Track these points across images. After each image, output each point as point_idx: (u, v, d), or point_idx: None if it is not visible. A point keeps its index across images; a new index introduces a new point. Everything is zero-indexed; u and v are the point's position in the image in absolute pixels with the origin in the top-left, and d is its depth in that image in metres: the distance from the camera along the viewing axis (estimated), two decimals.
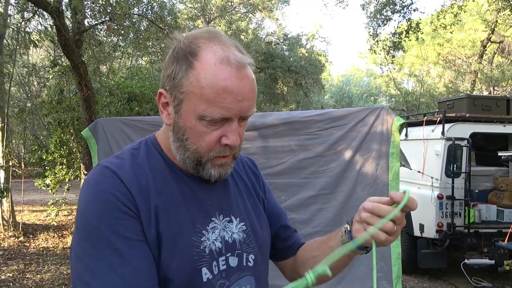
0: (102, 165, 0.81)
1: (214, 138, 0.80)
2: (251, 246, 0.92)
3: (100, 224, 0.74)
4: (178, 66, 0.79)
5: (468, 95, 5.96)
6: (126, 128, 3.65)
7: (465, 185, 5.08)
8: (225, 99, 0.76)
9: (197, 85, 0.77)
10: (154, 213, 0.78)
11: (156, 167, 0.85)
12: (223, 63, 0.77)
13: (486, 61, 16.59)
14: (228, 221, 0.90)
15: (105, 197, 0.76)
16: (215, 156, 0.82)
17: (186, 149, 0.82)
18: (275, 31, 20.03)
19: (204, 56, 0.78)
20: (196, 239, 0.82)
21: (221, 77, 0.76)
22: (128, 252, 0.73)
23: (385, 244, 0.79)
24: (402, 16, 11.37)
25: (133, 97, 7.88)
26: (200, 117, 0.78)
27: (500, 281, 5.19)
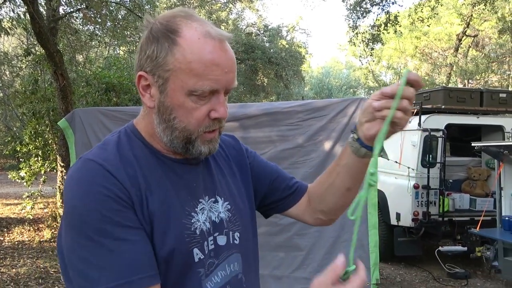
0: (85, 158, 0.80)
1: (203, 113, 0.81)
2: (236, 224, 0.93)
3: (95, 217, 0.72)
4: (159, 45, 0.79)
5: (444, 87, 6.11)
6: (104, 119, 3.59)
7: (440, 175, 5.23)
8: (213, 71, 0.78)
9: (184, 60, 0.77)
10: (145, 200, 0.79)
11: (140, 155, 0.84)
12: (207, 37, 0.78)
13: (461, 54, 17.01)
14: (214, 201, 0.91)
15: (96, 190, 0.74)
16: (204, 132, 0.83)
17: (174, 128, 0.82)
18: (256, 22, 19.92)
19: (185, 32, 0.78)
20: (187, 221, 0.83)
21: (207, 51, 0.77)
22: (129, 240, 0.74)
23: (403, 124, 0.81)
24: (381, 8, 11.51)
25: (111, 88, 7.73)
26: (189, 92, 0.78)
27: (472, 267, 5.40)
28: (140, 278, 0.73)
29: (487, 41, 17.68)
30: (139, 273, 0.73)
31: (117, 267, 0.72)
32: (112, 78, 7.82)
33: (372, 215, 3.25)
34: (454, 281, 5.01)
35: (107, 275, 0.71)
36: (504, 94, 5.87)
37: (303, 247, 3.32)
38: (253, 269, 0.98)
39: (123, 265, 0.72)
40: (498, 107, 5.71)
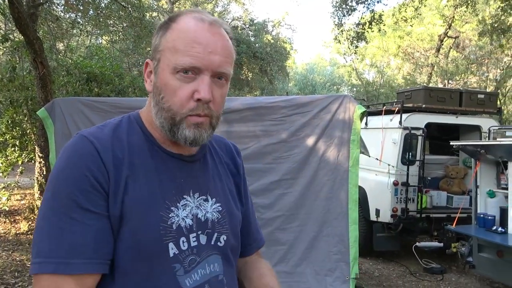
0: (81, 134, 0.83)
1: (187, 93, 0.81)
2: (225, 227, 0.93)
3: (66, 192, 0.76)
4: (159, 33, 0.86)
5: (425, 87, 6.22)
6: (85, 109, 3.52)
7: (419, 173, 5.34)
8: (193, 47, 0.80)
9: (170, 40, 0.82)
10: (124, 185, 0.80)
11: (134, 142, 0.86)
12: (196, 20, 0.83)
13: (442, 55, 17.34)
14: (204, 199, 0.91)
15: (78, 166, 0.77)
16: (189, 115, 0.82)
17: (162, 109, 0.83)
18: (241, 16, 19.81)
19: (181, 19, 0.84)
20: (164, 214, 0.83)
21: (192, 30, 0.81)
22: (83, 223, 0.75)
23: None
24: (366, 7, 11.60)
25: (93, 78, 7.57)
26: (173, 69, 0.81)
27: (447, 263, 5.55)
28: (78, 263, 0.74)
29: (467, 43, 18.07)
30: (80, 257, 0.74)
31: (62, 245, 0.74)
32: (93, 68, 7.65)
33: (352, 210, 3.30)
34: (430, 276, 5.14)
35: (51, 248, 0.74)
36: (482, 95, 6.02)
37: (285, 242, 3.35)
38: (234, 271, 0.98)
39: (68, 245, 0.74)
40: (476, 108, 5.85)
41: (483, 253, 4.18)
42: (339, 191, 3.34)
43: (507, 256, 3.83)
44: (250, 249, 1.08)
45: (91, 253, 0.75)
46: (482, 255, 4.18)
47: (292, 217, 3.38)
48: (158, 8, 13.33)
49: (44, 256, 0.74)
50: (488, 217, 4.20)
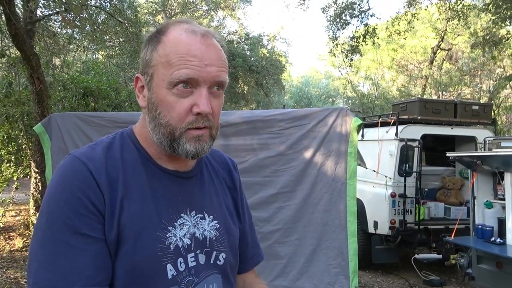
0: (73, 155, 0.80)
1: (185, 107, 0.79)
2: (224, 244, 0.91)
3: (60, 216, 0.73)
4: (149, 46, 0.83)
5: (420, 98, 6.28)
6: (82, 124, 3.52)
7: (416, 184, 5.35)
8: (189, 61, 0.78)
9: (163, 54, 0.80)
10: (119, 206, 0.78)
11: (128, 159, 0.84)
12: (188, 33, 0.81)
13: (436, 67, 17.55)
14: (201, 217, 0.89)
15: (71, 189, 0.75)
16: (188, 128, 0.80)
17: (160, 124, 0.81)
18: (237, 30, 20.02)
19: (171, 31, 0.82)
20: (162, 234, 0.81)
21: (184, 42, 0.79)
22: (79, 248, 0.73)
23: None
24: (360, 21, 11.77)
25: (89, 93, 7.59)
26: (169, 84, 0.79)
27: (446, 275, 5.52)
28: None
29: (460, 55, 18.32)
30: (77, 285, 0.72)
31: (58, 274, 0.71)
32: (90, 82, 7.68)
33: (351, 223, 3.29)
34: None
35: (47, 277, 0.71)
36: (477, 106, 6.08)
37: (284, 255, 3.32)
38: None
39: (64, 272, 0.72)
40: (471, 119, 5.90)
41: (482, 264, 4.16)
42: (337, 203, 3.33)
43: (506, 267, 3.82)
44: (248, 265, 1.07)
45: (89, 279, 0.73)
46: (481, 267, 4.16)
47: (291, 230, 3.36)
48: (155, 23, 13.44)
49: (39, 285, 0.72)
50: (486, 228, 4.20)
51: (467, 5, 11.28)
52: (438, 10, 12.63)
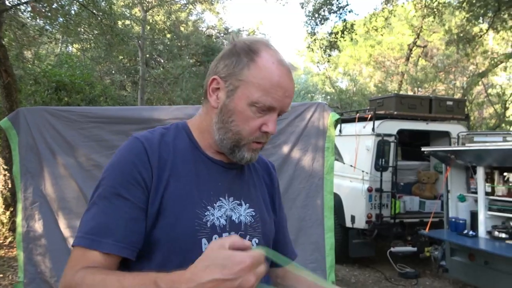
0: (134, 135, 0.95)
1: (257, 124, 0.93)
2: (257, 231, 1.01)
3: (112, 182, 0.89)
4: (239, 59, 0.93)
5: (396, 94, 6.36)
6: (52, 119, 3.38)
7: (392, 178, 5.42)
8: (277, 91, 0.91)
9: (257, 76, 0.91)
10: (165, 183, 0.91)
11: (180, 145, 0.97)
12: (280, 64, 0.93)
13: (412, 63, 17.87)
14: (238, 204, 1.00)
15: (126, 162, 0.90)
16: (253, 141, 0.95)
17: (229, 130, 0.94)
18: (216, 24, 19.82)
19: (264, 55, 0.92)
20: (200, 211, 0.92)
21: (277, 74, 0.91)
22: (120, 209, 0.87)
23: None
24: (338, 16, 11.85)
25: (62, 86, 7.36)
26: (252, 103, 0.91)
27: (421, 267, 5.63)
28: (108, 243, 0.84)
29: (435, 52, 18.71)
30: (110, 239, 0.85)
31: (98, 225, 0.86)
32: (63, 76, 7.44)
33: (328, 218, 3.29)
34: (405, 280, 5.20)
35: (90, 226, 0.86)
36: (451, 102, 6.20)
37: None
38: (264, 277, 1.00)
39: (103, 225, 0.86)
40: (445, 114, 6.02)
41: (455, 256, 4.26)
42: (315, 198, 3.33)
43: (479, 259, 3.92)
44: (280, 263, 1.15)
45: (120, 237, 0.85)
46: (455, 259, 4.25)
47: None
48: (131, 16, 13.13)
49: (83, 232, 0.86)
50: (459, 221, 4.30)
51: (442, 2, 11.50)
52: (414, 7, 12.83)
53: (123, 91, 15.79)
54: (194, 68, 16.06)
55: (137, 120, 3.38)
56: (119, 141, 3.40)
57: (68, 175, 3.35)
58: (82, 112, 3.45)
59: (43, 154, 3.32)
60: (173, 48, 15.09)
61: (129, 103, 13.42)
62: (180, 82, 14.26)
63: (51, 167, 3.34)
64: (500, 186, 3.94)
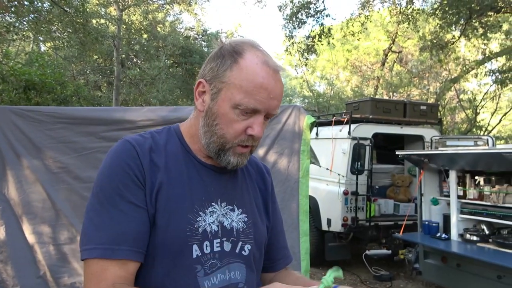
0: (125, 138, 0.93)
1: (242, 127, 0.90)
2: (250, 237, 0.99)
3: (111, 186, 0.87)
4: (223, 61, 0.91)
5: (372, 98, 6.43)
6: (17, 119, 3.22)
7: (368, 182, 5.47)
8: (260, 93, 0.88)
9: (238, 77, 0.89)
10: (157, 187, 0.89)
11: (171, 149, 0.96)
12: (264, 65, 0.90)
13: (387, 68, 18.22)
14: (231, 209, 0.98)
15: (121, 165, 0.88)
16: (238, 145, 0.92)
17: (214, 133, 0.92)
18: (194, 26, 19.66)
19: (248, 56, 0.90)
20: (192, 217, 0.91)
21: (260, 75, 0.89)
22: (127, 213, 0.85)
23: None
24: (315, 20, 11.94)
25: (32, 86, 7.06)
26: (235, 105, 0.89)
27: (395, 269, 5.70)
28: (123, 249, 0.83)
29: (410, 58, 19.14)
30: (124, 245, 0.84)
31: (109, 233, 0.84)
32: (33, 75, 7.14)
33: (303, 222, 3.25)
34: (379, 283, 5.24)
35: (100, 236, 0.84)
36: (425, 106, 6.32)
37: None
38: (256, 281, 1.02)
39: (114, 233, 0.84)
40: (419, 118, 6.13)
41: (428, 259, 4.31)
42: (290, 202, 3.29)
43: (451, 261, 3.97)
44: (279, 265, 1.14)
45: (133, 242, 0.85)
46: (428, 261, 4.31)
47: None
48: (106, 15, 12.84)
49: (93, 243, 0.83)
50: (433, 224, 4.35)
51: (416, 9, 11.76)
52: (390, 13, 13.08)
53: (97, 91, 15.41)
54: (171, 69, 15.86)
55: (107, 121, 3.26)
56: (89, 143, 3.27)
57: (33, 178, 3.20)
58: (49, 112, 3.29)
59: (7, 156, 3.16)
60: (150, 49, 14.84)
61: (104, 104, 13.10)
62: (157, 83, 14.03)
63: (15, 170, 3.18)
64: (471, 189, 4.02)
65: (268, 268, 1.12)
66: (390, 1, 12.71)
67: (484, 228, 3.94)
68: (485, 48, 13.20)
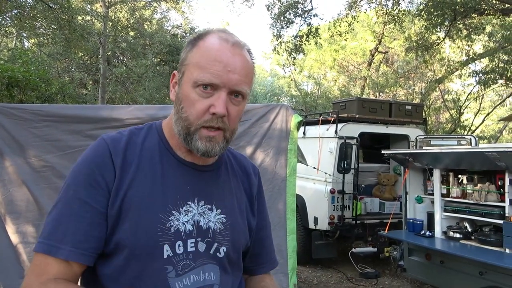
0: (102, 136, 0.93)
1: (204, 106, 0.87)
2: (226, 239, 0.96)
3: (73, 183, 0.87)
4: (187, 48, 0.92)
5: (358, 98, 6.50)
6: (1, 117, 3.16)
7: (354, 180, 5.52)
8: (214, 66, 0.86)
9: (195, 56, 0.89)
10: (127, 185, 0.87)
11: (149, 146, 0.94)
12: (221, 40, 0.89)
13: (374, 69, 18.41)
14: (209, 208, 0.95)
15: (90, 163, 0.88)
16: (202, 126, 0.88)
17: (181, 118, 0.89)
18: (181, 24, 19.54)
19: (207, 38, 0.90)
20: (164, 216, 0.88)
21: (215, 48, 0.87)
22: (79, 213, 0.85)
23: None
24: (303, 20, 11.99)
25: (15, 83, 6.93)
26: (194, 83, 0.87)
27: (381, 267, 5.77)
28: (68, 250, 0.83)
29: (396, 58, 19.38)
30: (69, 245, 0.83)
31: (58, 231, 0.84)
32: (16, 72, 7.01)
33: (290, 220, 3.27)
34: (365, 280, 5.30)
35: (51, 232, 0.85)
36: (410, 106, 6.41)
37: None
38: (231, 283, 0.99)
39: (63, 231, 0.84)
40: (404, 118, 6.22)
41: (413, 256, 4.38)
42: (277, 201, 3.30)
43: (435, 258, 4.05)
44: (262, 269, 1.13)
45: (80, 243, 0.83)
46: (412, 259, 4.38)
47: None
48: (92, 12, 12.67)
49: (43, 237, 0.85)
50: (417, 222, 4.42)
51: (402, 10, 11.91)
52: (376, 14, 13.22)
53: (83, 89, 15.20)
54: (158, 68, 15.73)
55: (94, 119, 3.22)
56: (74, 141, 3.23)
57: (17, 177, 3.15)
58: (34, 110, 3.24)
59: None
60: (136, 47, 14.71)
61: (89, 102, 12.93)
62: (144, 81, 13.91)
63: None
64: (454, 188, 4.09)
65: (252, 271, 1.11)
66: (377, 2, 12.85)
67: (467, 225, 4.03)
68: (469, 49, 13.45)
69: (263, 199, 1.14)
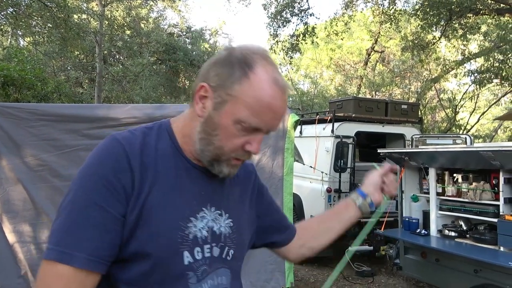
0: (114, 136, 0.88)
1: (240, 143, 0.88)
2: (234, 242, 0.98)
3: (87, 188, 0.81)
4: (232, 70, 0.85)
5: (354, 97, 6.52)
6: None
7: (350, 179, 5.55)
8: (266, 114, 0.85)
9: (247, 93, 0.84)
10: (147, 190, 0.84)
11: (162, 149, 0.91)
12: (274, 84, 0.86)
13: (370, 68, 18.47)
14: (219, 214, 0.96)
15: (106, 166, 0.82)
16: (234, 158, 0.90)
17: (211, 143, 0.88)
18: (178, 22, 19.50)
19: (258, 71, 0.85)
20: (183, 223, 0.87)
21: (269, 94, 0.85)
22: (94, 220, 0.80)
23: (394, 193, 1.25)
24: (300, 19, 12.00)
25: (11, 82, 6.90)
26: (238, 121, 0.85)
27: (377, 265, 5.81)
28: (83, 257, 0.78)
29: (392, 57, 19.44)
30: (84, 252, 0.78)
31: (73, 237, 0.79)
32: (12, 71, 6.98)
33: None
34: (361, 279, 5.33)
35: (62, 238, 0.79)
36: (406, 105, 6.45)
37: None
38: (239, 285, 1.02)
39: (76, 238, 0.79)
40: (400, 117, 6.25)
41: (409, 254, 4.41)
42: (274, 199, 3.31)
43: (430, 257, 4.08)
44: (290, 234, 1.18)
45: (95, 250, 0.79)
46: (408, 257, 4.40)
47: None
48: (88, 10, 12.62)
49: (53, 244, 0.79)
50: (413, 220, 4.45)
51: (398, 10, 11.96)
52: (373, 13, 13.26)
53: (79, 88, 15.14)
54: (154, 66, 15.72)
55: (91, 119, 3.23)
56: (71, 141, 3.23)
57: (13, 176, 3.15)
58: (30, 109, 3.24)
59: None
60: (133, 45, 14.66)
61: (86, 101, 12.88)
62: (140, 80, 13.88)
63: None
64: (450, 186, 4.13)
65: (282, 241, 1.17)
66: (373, 2, 12.89)
67: (462, 224, 4.06)
68: (464, 49, 13.52)
69: (262, 184, 1.16)
